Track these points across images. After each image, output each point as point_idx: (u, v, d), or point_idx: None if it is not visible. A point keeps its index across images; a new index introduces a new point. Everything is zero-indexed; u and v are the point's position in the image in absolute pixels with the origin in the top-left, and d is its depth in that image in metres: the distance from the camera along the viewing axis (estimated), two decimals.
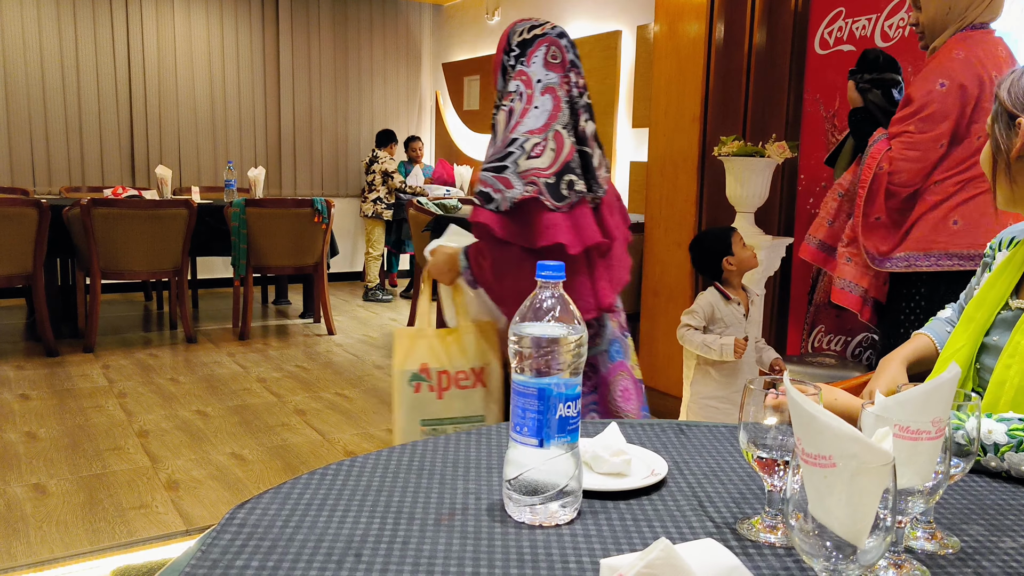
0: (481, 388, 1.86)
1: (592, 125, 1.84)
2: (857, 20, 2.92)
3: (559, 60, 1.83)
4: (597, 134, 1.87)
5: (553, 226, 1.69)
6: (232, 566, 0.77)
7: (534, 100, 1.78)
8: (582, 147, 1.79)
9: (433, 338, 1.92)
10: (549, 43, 1.83)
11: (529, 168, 1.72)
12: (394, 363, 1.89)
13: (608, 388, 1.89)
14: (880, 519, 0.64)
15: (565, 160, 1.74)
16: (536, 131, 1.75)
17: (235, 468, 2.99)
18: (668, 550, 0.63)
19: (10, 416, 3.50)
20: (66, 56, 6.41)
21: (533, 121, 1.76)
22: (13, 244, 4.33)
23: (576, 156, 1.77)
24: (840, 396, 1.16)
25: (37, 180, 6.40)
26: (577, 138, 1.79)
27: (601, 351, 1.89)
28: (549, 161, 1.73)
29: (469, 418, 1.85)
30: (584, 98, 1.84)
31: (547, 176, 1.72)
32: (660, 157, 3.59)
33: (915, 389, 0.79)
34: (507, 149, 1.75)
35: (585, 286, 1.77)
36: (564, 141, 1.76)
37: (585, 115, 1.83)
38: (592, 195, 1.79)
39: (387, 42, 7.84)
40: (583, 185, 1.76)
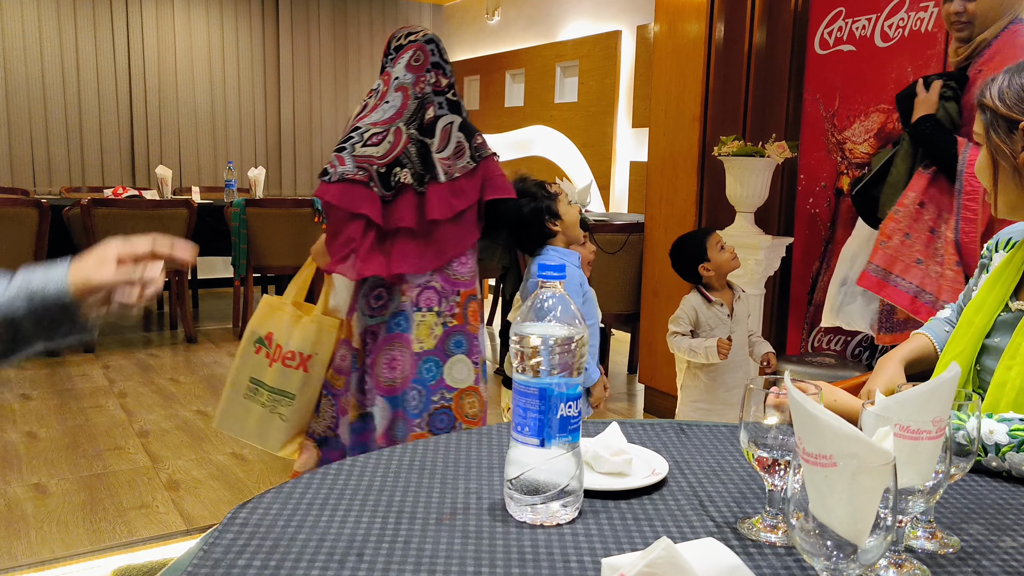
0: (302, 372, 2.09)
1: (449, 117, 2.06)
2: (857, 20, 2.92)
3: (420, 62, 2.05)
4: (462, 124, 2.07)
5: (369, 200, 1.95)
6: (234, 565, 0.77)
7: (386, 96, 2.04)
8: (424, 138, 2.03)
9: (287, 314, 2.15)
10: (416, 48, 2.07)
11: (364, 154, 1.96)
12: (250, 322, 2.18)
13: (378, 356, 2.05)
14: (881, 518, 0.64)
15: (397, 154, 1.98)
16: (379, 123, 2.01)
17: (235, 468, 2.99)
18: (669, 549, 0.64)
19: (11, 416, 3.50)
20: (66, 56, 6.42)
21: (379, 115, 2.02)
22: (13, 244, 4.34)
23: (412, 148, 2.00)
24: (840, 396, 1.16)
25: (37, 180, 6.40)
26: (420, 129, 2.03)
27: (382, 321, 2.06)
28: (384, 151, 1.98)
29: (283, 392, 2.10)
30: (445, 96, 2.07)
31: (379, 165, 1.97)
32: (660, 157, 3.59)
33: (915, 389, 0.80)
34: (349, 135, 2.01)
35: (378, 256, 1.99)
36: (402, 136, 2.00)
37: (438, 108, 2.05)
38: (417, 185, 2.00)
39: None
40: (409, 178, 1.99)
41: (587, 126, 6.02)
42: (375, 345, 2.05)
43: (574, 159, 6.18)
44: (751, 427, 0.87)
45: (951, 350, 1.28)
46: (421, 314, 2.04)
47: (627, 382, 4.41)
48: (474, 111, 7.41)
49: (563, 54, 6.23)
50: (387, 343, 2.04)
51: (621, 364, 4.72)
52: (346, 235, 1.96)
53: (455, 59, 7.66)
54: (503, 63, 6.95)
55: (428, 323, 2.05)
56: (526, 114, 6.70)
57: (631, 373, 4.55)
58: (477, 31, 7.40)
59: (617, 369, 4.64)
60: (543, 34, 6.52)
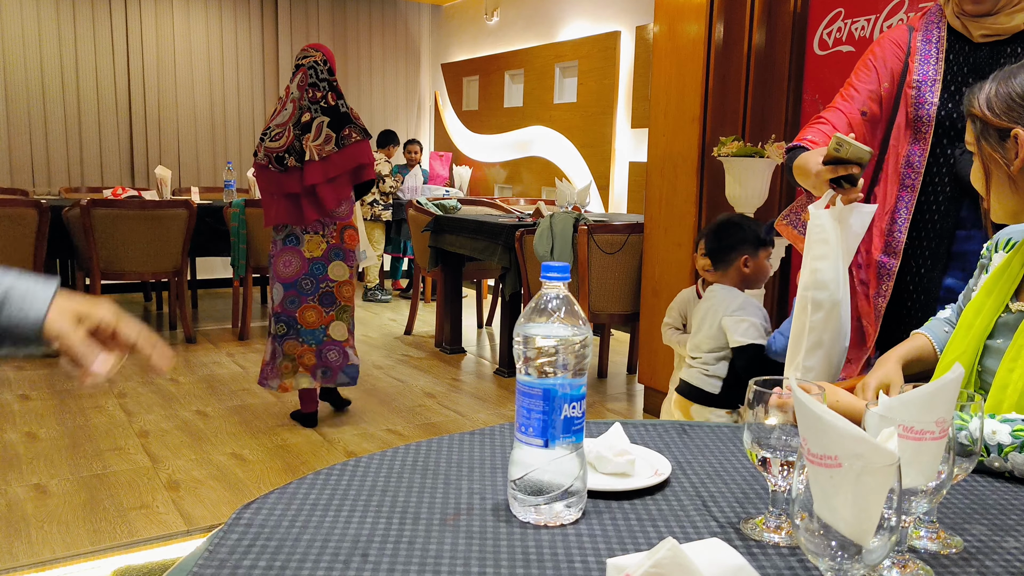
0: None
1: (321, 118, 3.15)
2: (856, 21, 2.92)
3: (303, 83, 3.19)
4: (330, 123, 3.15)
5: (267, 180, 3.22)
6: (240, 566, 0.77)
7: (285, 105, 3.22)
8: (302, 133, 3.14)
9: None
10: (303, 73, 3.20)
11: (269, 147, 3.17)
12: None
13: (277, 259, 3.29)
14: (885, 519, 0.64)
15: (285, 146, 3.15)
16: (279, 125, 3.19)
17: (235, 468, 2.99)
18: (675, 549, 0.64)
19: (10, 416, 3.50)
20: (65, 57, 6.41)
21: (280, 119, 3.20)
22: (13, 245, 4.33)
23: (296, 142, 3.14)
24: (842, 396, 1.16)
25: (37, 181, 6.39)
26: (301, 128, 3.15)
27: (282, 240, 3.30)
28: (280, 144, 3.16)
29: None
30: (319, 104, 3.16)
31: (277, 152, 3.16)
32: (659, 157, 3.59)
33: (919, 389, 0.80)
34: (265, 130, 3.23)
35: (270, 207, 3.23)
36: (291, 134, 3.15)
37: (313, 113, 3.15)
38: (299, 164, 3.14)
39: (386, 43, 7.85)
40: (294, 161, 3.14)
41: (586, 126, 6.02)
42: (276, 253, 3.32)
43: (573, 159, 6.18)
44: (755, 428, 0.88)
45: (951, 352, 1.28)
46: (309, 236, 3.27)
47: (627, 382, 4.42)
48: (473, 111, 7.41)
49: (562, 54, 6.24)
50: (283, 252, 3.29)
51: (620, 364, 4.72)
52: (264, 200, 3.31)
53: (454, 59, 7.67)
54: (502, 64, 6.95)
55: (315, 241, 3.27)
56: (525, 114, 6.70)
57: (630, 373, 4.56)
58: (476, 31, 7.40)
59: (616, 369, 4.65)
60: (542, 34, 6.53)
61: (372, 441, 3.34)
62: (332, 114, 3.15)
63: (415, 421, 3.62)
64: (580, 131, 6.09)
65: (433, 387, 4.17)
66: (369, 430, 3.47)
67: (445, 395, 4.04)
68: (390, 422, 3.59)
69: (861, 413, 0.83)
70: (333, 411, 3.67)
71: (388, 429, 3.50)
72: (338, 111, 3.16)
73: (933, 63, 1.85)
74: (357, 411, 3.72)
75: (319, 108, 3.14)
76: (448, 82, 7.80)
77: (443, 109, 7.86)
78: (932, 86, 1.83)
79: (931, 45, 1.86)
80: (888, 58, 1.93)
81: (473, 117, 7.44)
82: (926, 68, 1.85)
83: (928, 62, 1.85)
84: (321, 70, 3.18)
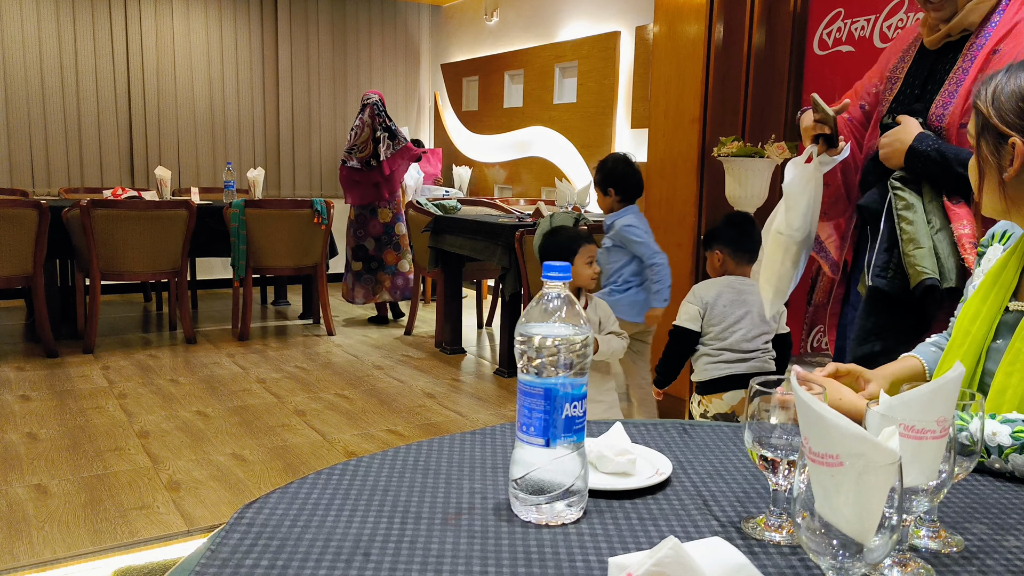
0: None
1: (385, 136, 5.20)
2: (856, 21, 2.93)
3: (374, 114, 5.15)
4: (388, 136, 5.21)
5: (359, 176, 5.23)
6: (242, 565, 0.77)
7: (363, 130, 5.18)
8: (376, 146, 5.16)
9: None
10: (371, 106, 5.18)
11: (361, 156, 5.19)
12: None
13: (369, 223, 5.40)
14: (886, 518, 0.65)
15: (368, 155, 5.17)
16: (363, 142, 5.18)
17: (236, 468, 2.99)
18: (677, 548, 0.64)
19: (11, 417, 3.50)
20: (65, 57, 6.41)
21: (362, 138, 5.18)
22: (13, 245, 4.33)
23: (374, 150, 5.15)
24: (846, 394, 1.16)
25: (36, 181, 6.39)
26: (374, 144, 5.13)
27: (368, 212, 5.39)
28: (366, 154, 5.17)
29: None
30: (383, 127, 5.18)
31: (366, 158, 5.19)
32: (659, 158, 3.60)
33: (920, 388, 0.80)
34: (350, 148, 5.26)
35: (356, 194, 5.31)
36: (370, 147, 5.16)
37: (379, 132, 5.18)
38: (378, 164, 5.18)
39: (386, 43, 7.85)
40: (375, 163, 5.18)
41: (586, 127, 6.02)
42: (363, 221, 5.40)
43: (573, 160, 6.18)
44: (755, 427, 0.88)
45: (950, 357, 1.25)
46: (382, 209, 5.34)
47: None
48: (473, 112, 7.41)
49: (562, 55, 6.24)
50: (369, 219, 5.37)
51: None
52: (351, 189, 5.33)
53: (454, 60, 7.67)
54: (502, 64, 6.95)
55: (386, 212, 5.33)
56: (525, 115, 6.70)
57: None
58: (476, 32, 7.41)
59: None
60: (542, 35, 6.53)
61: (372, 441, 3.34)
62: (389, 132, 5.22)
63: (415, 421, 3.62)
64: (580, 131, 6.10)
65: (433, 387, 4.17)
66: (369, 430, 3.47)
67: (445, 395, 4.04)
68: (390, 422, 3.59)
69: (863, 412, 0.84)
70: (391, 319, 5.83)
71: (388, 429, 3.50)
72: (392, 130, 5.24)
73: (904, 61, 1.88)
74: (357, 412, 3.73)
75: (383, 128, 5.19)
76: (448, 82, 7.81)
77: (443, 109, 7.86)
78: (894, 84, 1.87)
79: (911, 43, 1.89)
80: (889, 56, 1.95)
81: (473, 117, 7.44)
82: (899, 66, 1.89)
83: (903, 60, 1.89)
84: (380, 107, 5.21)
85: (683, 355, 2.60)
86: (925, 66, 1.82)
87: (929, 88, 1.79)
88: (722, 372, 2.54)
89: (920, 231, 1.70)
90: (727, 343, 2.53)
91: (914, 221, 1.70)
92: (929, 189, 1.73)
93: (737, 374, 2.53)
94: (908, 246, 1.70)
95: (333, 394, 3.99)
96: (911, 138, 1.71)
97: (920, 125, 1.73)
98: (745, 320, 2.53)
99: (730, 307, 2.53)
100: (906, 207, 1.73)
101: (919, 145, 1.70)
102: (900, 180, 1.76)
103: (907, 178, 1.75)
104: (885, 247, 1.79)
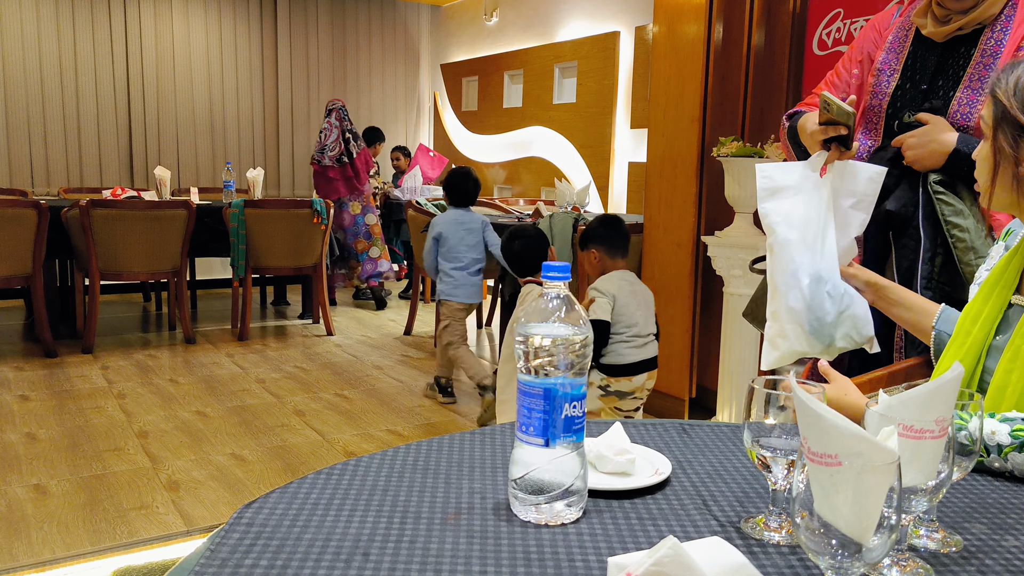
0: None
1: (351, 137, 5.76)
2: (856, 21, 2.93)
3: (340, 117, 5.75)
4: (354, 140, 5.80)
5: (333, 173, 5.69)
6: (241, 565, 0.77)
7: (331, 131, 5.70)
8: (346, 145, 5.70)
9: None
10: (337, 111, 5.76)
11: (332, 154, 5.67)
12: None
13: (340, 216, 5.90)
14: (885, 517, 0.65)
15: (339, 153, 5.67)
16: (334, 141, 5.67)
17: (235, 468, 2.99)
18: (676, 548, 0.64)
19: (10, 417, 3.50)
20: (64, 57, 6.41)
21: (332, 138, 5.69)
22: (12, 245, 4.33)
23: (345, 149, 5.68)
24: (851, 392, 1.15)
25: (36, 181, 6.39)
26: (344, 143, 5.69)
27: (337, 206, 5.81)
28: (336, 152, 5.68)
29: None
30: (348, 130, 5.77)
31: (339, 156, 5.68)
32: (659, 158, 3.60)
33: (918, 388, 0.80)
34: (321, 148, 5.68)
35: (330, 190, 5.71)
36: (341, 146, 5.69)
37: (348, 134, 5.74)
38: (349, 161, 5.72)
39: (385, 43, 7.85)
40: (346, 160, 5.71)
41: (585, 127, 6.03)
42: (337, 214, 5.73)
43: (572, 160, 6.19)
44: (754, 427, 0.88)
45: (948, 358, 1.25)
46: (352, 203, 5.81)
47: None
48: (472, 112, 7.41)
49: (561, 55, 6.24)
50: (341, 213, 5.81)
51: None
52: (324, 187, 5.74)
53: (453, 60, 7.67)
54: (501, 64, 6.95)
55: (356, 205, 5.82)
56: (524, 115, 6.71)
57: None
58: (475, 32, 7.41)
59: None
60: (541, 35, 6.53)
61: (372, 441, 3.34)
62: (352, 134, 5.79)
63: (414, 421, 3.62)
64: (579, 131, 6.10)
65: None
66: (369, 430, 3.47)
67: None
68: (389, 422, 3.59)
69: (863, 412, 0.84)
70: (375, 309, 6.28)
71: (388, 429, 3.50)
72: (355, 132, 5.82)
73: (897, 52, 1.76)
74: (356, 412, 3.73)
75: (349, 131, 5.76)
76: (447, 83, 7.80)
77: (442, 110, 7.86)
78: (890, 76, 1.75)
79: (904, 32, 1.76)
80: (865, 44, 1.85)
81: (472, 117, 7.44)
82: (890, 56, 1.76)
83: (894, 50, 1.76)
84: (344, 112, 5.78)
85: (599, 346, 2.80)
86: (931, 59, 1.71)
87: (940, 83, 1.68)
88: (637, 357, 2.85)
89: (976, 238, 1.59)
90: (634, 330, 2.83)
91: (967, 228, 1.59)
92: (968, 193, 1.62)
93: (646, 358, 2.88)
94: (967, 255, 1.59)
95: (332, 394, 3.99)
96: (951, 140, 1.60)
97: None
98: (641, 307, 2.88)
99: (630, 297, 2.84)
100: (955, 213, 1.61)
101: (964, 148, 1.58)
102: (941, 184, 1.63)
103: (945, 181, 1.64)
104: (928, 256, 1.66)
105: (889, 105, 1.74)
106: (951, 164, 1.61)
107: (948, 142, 1.61)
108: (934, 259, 1.66)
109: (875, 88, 1.77)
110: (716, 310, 3.46)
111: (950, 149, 1.60)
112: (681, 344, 3.56)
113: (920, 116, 1.66)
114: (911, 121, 1.69)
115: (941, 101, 1.67)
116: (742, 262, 3.08)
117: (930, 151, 1.62)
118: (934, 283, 1.66)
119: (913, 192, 1.69)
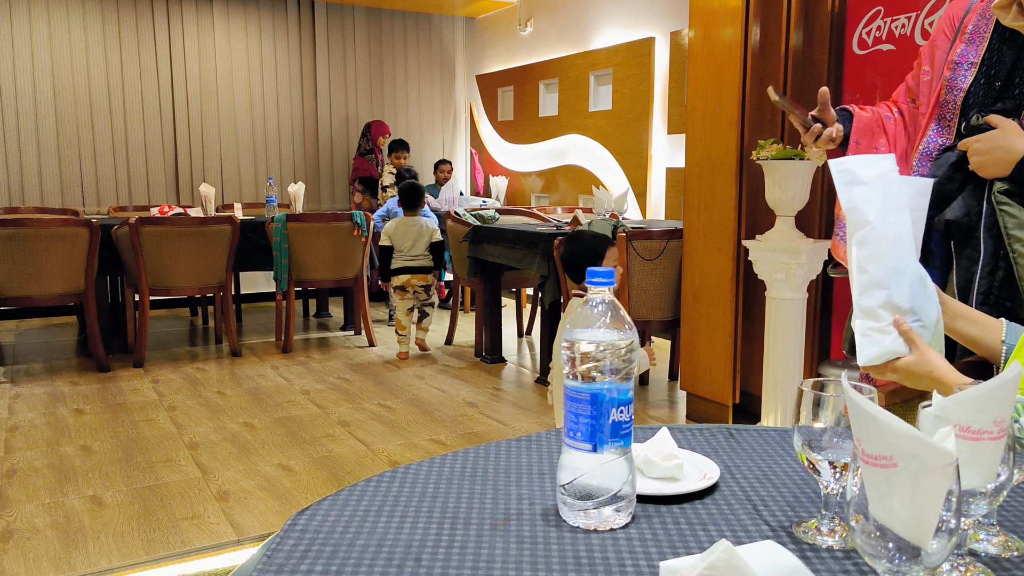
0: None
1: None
2: (896, 19, 2.88)
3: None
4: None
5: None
6: (297, 570, 0.79)
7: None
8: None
9: None
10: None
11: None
12: None
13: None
14: (943, 521, 0.63)
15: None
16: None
17: (283, 478, 3.03)
18: (729, 551, 0.64)
19: (66, 430, 3.60)
20: (112, 81, 6.61)
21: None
22: (65, 263, 4.47)
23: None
24: (937, 363, 1.10)
25: (86, 200, 6.59)
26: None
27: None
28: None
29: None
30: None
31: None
32: (698, 163, 3.57)
33: (976, 388, 0.78)
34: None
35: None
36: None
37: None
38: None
39: (421, 56, 7.94)
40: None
41: (622, 134, 6.01)
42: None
43: (610, 167, 6.17)
44: (804, 431, 0.87)
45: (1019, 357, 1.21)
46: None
47: (668, 389, 4.38)
48: (508, 122, 7.45)
49: (596, 62, 6.24)
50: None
51: (662, 371, 4.69)
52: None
53: (489, 71, 7.72)
54: (536, 73, 6.97)
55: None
56: (560, 123, 6.72)
57: (672, 380, 4.52)
58: (510, 42, 7.45)
59: (658, 376, 4.61)
60: (576, 43, 6.54)
61: (416, 451, 3.36)
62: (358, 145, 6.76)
63: (458, 431, 3.64)
64: (616, 138, 6.08)
65: (475, 397, 4.19)
66: (412, 440, 3.50)
67: (487, 404, 4.05)
68: (432, 432, 3.61)
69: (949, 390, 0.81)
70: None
71: (431, 439, 3.52)
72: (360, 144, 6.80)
73: (977, 44, 1.64)
74: (400, 421, 3.76)
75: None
76: (483, 93, 7.86)
77: (479, 120, 7.91)
78: (968, 70, 1.64)
79: (985, 22, 1.63)
80: (938, 40, 1.74)
81: (508, 127, 7.47)
82: (969, 49, 1.65)
83: (974, 42, 1.64)
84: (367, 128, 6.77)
85: (386, 260, 4.98)
86: (1010, 54, 1.58)
87: (1017, 80, 1.57)
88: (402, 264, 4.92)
89: None
90: (406, 254, 4.91)
91: None
92: None
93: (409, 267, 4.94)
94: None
95: (375, 404, 4.03)
96: (1020, 146, 1.49)
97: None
98: (415, 242, 4.94)
99: (405, 234, 4.91)
100: (1019, 226, 1.51)
101: None
102: (1006, 194, 1.53)
103: (1012, 191, 1.53)
104: (988, 271, 1.56)
105: (963, 102, 1.63)
106: (1018, 173, 1.50)
107: (1016, 149, 1.49)
108: (994, 273, 1.56)
109: (950, 82, 1.66)
110: (758, 315, 3.42)
111: (1018, 157, 1.49)
112: (724, 349, 3.52)
113: (989, 119, 1.55)
114: (980, 123, 1.58)
115: (1014, 102, 1.57)
116: (784, 265, 3.03)
117: (995, 158, 1.52)
118: (992, 298, 1.57)
119: (977, 201, 1.59)
